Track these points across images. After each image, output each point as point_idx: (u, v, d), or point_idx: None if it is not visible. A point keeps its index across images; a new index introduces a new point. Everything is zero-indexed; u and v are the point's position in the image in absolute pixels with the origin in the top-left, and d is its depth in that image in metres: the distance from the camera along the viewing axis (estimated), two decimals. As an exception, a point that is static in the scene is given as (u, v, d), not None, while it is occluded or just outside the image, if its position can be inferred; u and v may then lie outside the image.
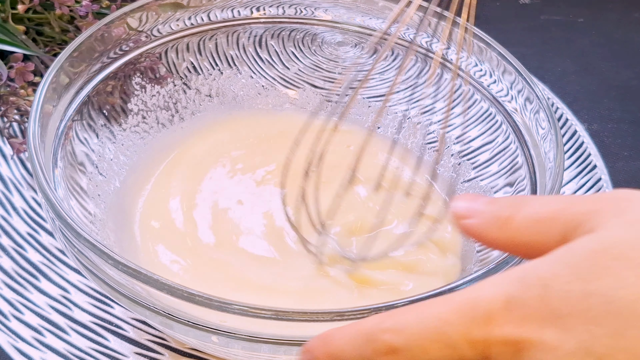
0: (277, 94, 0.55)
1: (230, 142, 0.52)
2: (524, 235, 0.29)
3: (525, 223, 0.29)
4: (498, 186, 0.48)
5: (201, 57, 0.53)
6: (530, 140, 0.46)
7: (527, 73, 0.47)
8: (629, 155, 0.57)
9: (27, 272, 0.45)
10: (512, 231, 0.29)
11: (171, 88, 0.52)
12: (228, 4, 0.52)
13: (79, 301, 0.44)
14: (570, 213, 0.28)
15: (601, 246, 0.25)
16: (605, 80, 0.65)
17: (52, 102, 0.43)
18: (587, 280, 0.25)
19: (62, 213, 0.36)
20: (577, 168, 0.55)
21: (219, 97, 0.54)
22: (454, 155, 0.51)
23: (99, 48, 0.46)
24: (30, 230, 0.47)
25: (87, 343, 0.42)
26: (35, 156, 0.38)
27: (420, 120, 0.53)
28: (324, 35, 0.54)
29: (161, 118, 0.52)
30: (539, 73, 0.64)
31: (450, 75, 0.52)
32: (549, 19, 0.73)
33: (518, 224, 0.29)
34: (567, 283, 0.25)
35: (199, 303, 0.32)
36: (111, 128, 0.49)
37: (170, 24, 0.50)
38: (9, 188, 0.49)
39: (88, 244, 0.35)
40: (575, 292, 0.25)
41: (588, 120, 0.60)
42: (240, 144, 0.52)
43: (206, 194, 0.47)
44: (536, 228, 0.28)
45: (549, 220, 0.28)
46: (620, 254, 0.25)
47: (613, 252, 0.25)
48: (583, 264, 0.25)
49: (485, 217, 0.30)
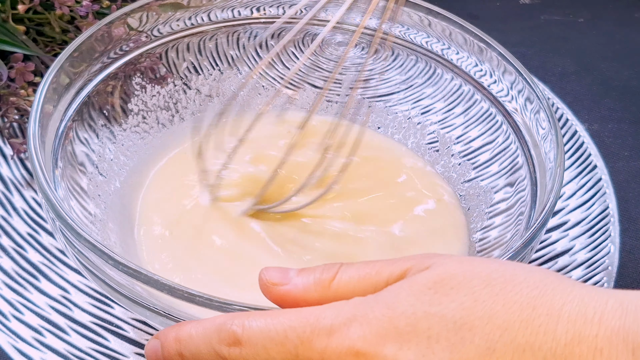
0: (277, 95, 0.55)
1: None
2: (346, 293, 0.30)
3: (350, 282, 0.31)
4: (498, 186, 0.48)
5: (201, 57, 0.53)
6: (530, 141, 0.46)
7: (527, 73, 0.47)
8: (629, 156, 0.57)
9: (27, 272, 0.45)
10: (333, 292, 0.31)
11: (171, 88, 0.52)
12: (228, 4, 0.52)
13: (79, 301, 0.44)
14: (395, 266, 0.30)
15: (440, 277, 0.28)
16: (605, 80, 0.65)
17: (53, 103, 0.43)
18: (429, 304, 0.28)
19: (62, 213, 0.36)
20: (577, 168, 0.55)
21: (219, 97, 0.54)
22: (455, 155, 0.51)
23: (99, 48, 0.46)
24: (31, 231, 0.47)
25: (87, 343, 0.42)
26: (35, 156, 0.38)
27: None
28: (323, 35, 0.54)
29: (161, 118, 0.52)
30: (539, 73, 0.64)
31: (450, 75, 0.52)
32: (549, 19, 0.73)
33: (344, 283, 0.31)
34: (411, 306, 0.28)
35: (199, 303, 0.32)
36: (111, 128, 0.49)
37: (170, 24, 0.50)
38: (9, 188, 0.49)
39: (88, 244, 0.35)
40: (418, 314, 0.27)
41: (588, 120, 0.60)
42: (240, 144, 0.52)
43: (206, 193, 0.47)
44: (362, 285, 0.30)
45: (374, 275, 0.30)
46: (458, 283, 0.28)
47: (451, 282, 0.28)
48: (426, 292, 0.28)
49: (303, 282, 0.31)
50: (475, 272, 0.28)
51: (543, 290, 0.27)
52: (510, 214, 0.45)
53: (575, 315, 0.26)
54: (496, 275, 0.28)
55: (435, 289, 0.28)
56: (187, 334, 0.31)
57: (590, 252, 0.49)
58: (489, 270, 0.28)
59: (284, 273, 0.32)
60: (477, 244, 0.46)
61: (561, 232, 0.51)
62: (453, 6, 0.53)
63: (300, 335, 0.28)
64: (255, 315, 0.30)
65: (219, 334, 0.30)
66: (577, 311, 0.27)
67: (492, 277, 0.28)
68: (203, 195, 0.47)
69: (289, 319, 0.29)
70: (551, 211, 0.39)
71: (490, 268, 0.29)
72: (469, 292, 0.28)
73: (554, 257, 0.49)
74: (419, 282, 0.28)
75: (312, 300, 0.31)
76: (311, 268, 0.32)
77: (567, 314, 0.27)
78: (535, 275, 0.28)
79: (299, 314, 0.29)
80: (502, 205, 0.47)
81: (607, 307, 0.26)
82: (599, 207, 0.52)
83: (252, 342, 0.29)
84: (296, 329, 0.28)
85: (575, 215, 0.52)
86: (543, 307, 0.27)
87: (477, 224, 0.47)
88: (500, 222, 0.46)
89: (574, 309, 0.27)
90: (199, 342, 0.30)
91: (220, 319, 0.30)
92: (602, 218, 0.52)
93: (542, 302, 0.27)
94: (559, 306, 0.27)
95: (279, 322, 0.29)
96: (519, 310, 0.27)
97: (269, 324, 0.29)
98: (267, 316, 0.29)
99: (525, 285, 0.28)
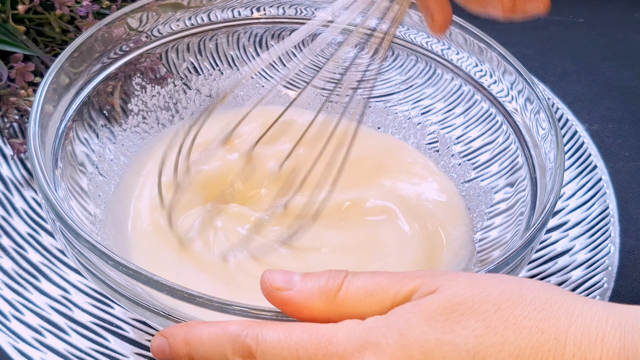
0: (277, 94, 0.55)
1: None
2: (352, 307, 0.30)
3: (356, 295, 0.30)
4: (498, 186, 0.48)
5: (201, 58, 0.53)
6: (530, 141, 0.46)
7: (527, 73, 0.47)
8: (629, 156, 0.57)
9: (28, 272, 0.45)
10: (339, 304, 0.31)
11: (171, 88, 0.52)
12: (228, 4, 0.52)
13: (79, 301, 0.44)
14: (402, 284, 0.30)
15: (450, 303, 0.29)
16: (605, 81, 0.65)
17: (53, 103, 0.43)
18: (441, 331, 0.28)
19: (62, 214, 0.36)
20: (577, 168, 0.55)
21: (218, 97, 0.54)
22: (455, 155, 0.51)
23: (99, 48, 0.46)
24: (31, 231, 0.47)
25: (87, 343, 0.42)
26: (35, 157, 0.38)
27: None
28: (324, 35, 0.54)
29: (161, 118, 0.52)
30: (539, 73, 0.64)
31: (450, 75, 0.52)
32: (549, 19, 0.73)
33: (350, 295, 0.31)
34: (424, 334, 0.28)
35: (199, 304, 0.32)
36: (111, 128, 0.49)
37: (170, 24, 0.50)
38: (9, 188, 0.49)
39: (88, 244, 0.35)
40: (431, 342, 0.28)
41: (588, 121, 0.60)
42: (240, 144, 0.51)
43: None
44: (369, 300, 0.30)
45: (381, 292, 0.30)
46: (468, 309, 0.28)
47: (461, 308, 0.28)
48: (437, 318, 0.28)
49: (308, 288, 0.31)
50: (484, 296, 0.29)
51: (549, 312, 0.28)
52: (510, 214, 0.45)
53: (580, 338, 0.28)
54: (505, 298, 0.29)
55: (446, 316, 0.28)
56: (198, 338, 0.31)
57: (590, 252, 0.49)
58: (497, 293, 0.29)
59: (288, 277, 0.32)
60: (477, 244, 0.46)
61: (561, 232, 0.51)
62: (453, 6, 0.53)
63: (312, 358, 0.28)
64: (269, 327, 0.30)
65: (233, 345, 0.30)
66: (581, 332, 0.28)
67: (501, 300, 0.29)
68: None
69: (302, 338, 0.29)
70: (551, 211, 0.39)
71: (498, 290, 0.29)
72: (480, 318, 0.28)
73: (554, 258, 0.49)
74: (429, 308, 0.29)
75: (316, 309, 0.31)
76: (316, 274, 0.32)
77: (572, 337, 0.28)
78: (541, 295, 0.29)
79: (312, 332, 0.29)
80: (502, 205, 0.47)
81: (608, 327, 0.28)
82: (599, 207, 0.52)
83: (264, 357, 0.29)
84: (308, 350, 0.29)
85: (576, 216, 0.52)
86: (550, 330, 0.28)
87: (477, 224, 0.47)
88: (500, 223, 0.46)
89: (578, 330, 0.28)
90: (210, 349, 0.30)
91: (234, 327, 0.30)
92: (602, 218, 0.52)
93: (549, 325, 0.28)
94: (565, 328, 0.28)
95: (292, 340, 0.29)
96: (528, 335, 0.28)
97: (282, 342, 0.29)
98: (281, 330, 0.29)
99: (533, 307, 0.29)
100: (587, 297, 0.30)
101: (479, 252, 0.46)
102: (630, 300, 0.47)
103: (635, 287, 0.48)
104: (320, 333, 0.29)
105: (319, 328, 0.29)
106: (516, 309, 0.28)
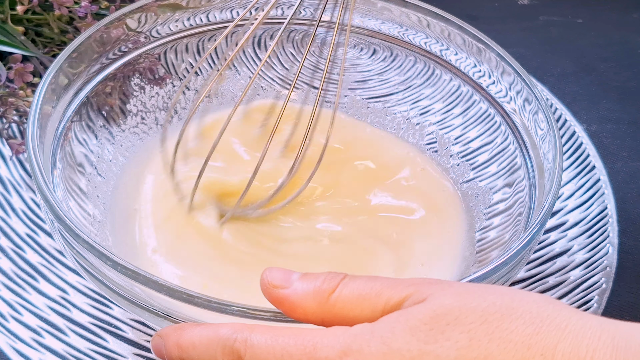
0: (276, 95, 0.55)
1: (229, 142, 0.52)
2: (344, 310, 0.30)
3: (349, 298, 0.30)
4: (497, 187, 0.48)
5: (200, 58, 0.53)
6: (529, 141, 0.46)
7: (526, 74, 0.47)
8: (627, 156, 0.57)
9: (26, 273, 0.45)
10: (331, 306, 0.31)
11: (170, 89, 0.52)
12: (227, 5, 0.52)
13: (78, 302, 0.44)
14: (395, 291, 0.30)
15: (435, 313, 0.28)
16: (604, 81, 0.65)
17: (51, 103, 0.43)
18: (424, 341, 0.27)
19: (61, 214, 0.36)
20: (576, 169, 0.55)
21: (218, 98, 0.54)
22: (453, 155, 0.51)
23: (98, 49, 0.46)
24: (29, 232, 0.47)
25: (86, 344, 0.42)
26: (34, 157, 0.38)
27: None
28: (323, 36, 0.54)
29: (160, 119, 0.52)
30: (538, 74, 0.64)
31: (449, 76, 0.52)
32: (548, 20, 0.73)
33: (342, 298, 0.30)
34: (407, 343, 0.27)
35: (198, 304, 0.32)
36: (110, 129, 0.49)
37: (169, 25, 0.50)
38: (8, 189, 0.49)
39: (87, 245, 0.35)
40: (413, 352, 0.27)
41: (587, 121, 0.60)
42: (240, 144, 0.52)
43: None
44: (360, 304, 0.30)
45: (374, 297, 0.30)
46: (454, 319, 0.28)
47: (447, 318, 0.28)
48: (421, 327, 0.28)
49: (304, 288, 0.31)
50: (472, 307, 0.28)
51: (538, 327, 0.27)
52: (509, 215, 0.45)
53: (568, 355, 0.27)
54: (493, 310, 0.28)
55: (431, 325, 0.28)
56: (189, 342, 0.31)
57: (589, 252, 0.50)
58: (486, 304, 0.28)
59: (287, 276, 0.32)
60: (476, 244, 0.46)
61: (560, 232, 0.51)
62: (452, 7, 0.53)
63: None
64: (257, 331, 0.30)
65: (223, 349, 0.30)
66: (570, 349, 0.27)
67: (488, 312, 0.28)
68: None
69: (288, 344, 0.29)
70: (550, 212, 0.39)
71: (488, 301, 0.28)
72: (465, 329, 0.27)
73: (552, 258, 0.49)
74: (415, 317, 0.28)
75: (309, 309, 0.31)
76: (314, 274, 0.32)
77: (560, 354, 0.27)
78: (533, 308, 0.28)
79: (298, 338, 0.29)
80: (500, 205, 0.47)
81: (600, 344, 0.27)
82: (598, 207, 0.52)
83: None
84: (293, 355, 0.29)
85: (574, 216, 0.52)
86: (538, 346, 0.27)
87: (476, 225, 0.48)
88: (499, 223, 0.46)
89: (567, 347, 0.27)
90: (201, 352, 0.31)
91: (224, 331, 0.30)
92: (600, 218, 0.52)
93: (536, 340, 0.27)
94: (553, 345, 0.27)
95: (279, 345, 0.29)
96: (513, 350, 0.27)
97: (269, 347, 0.29)
98: (269, 335, 0.30)
99: (522, 321, 0.27)
100: (585, 312, 0.28)
101: (477, 252, 0.46)
102: (629, 300, 0.47)
103: (633, 287, 0.48)
104: (306, 339, 0.29)
105: (305, 333, 0.29)
106: (504, 321, 0.27)
